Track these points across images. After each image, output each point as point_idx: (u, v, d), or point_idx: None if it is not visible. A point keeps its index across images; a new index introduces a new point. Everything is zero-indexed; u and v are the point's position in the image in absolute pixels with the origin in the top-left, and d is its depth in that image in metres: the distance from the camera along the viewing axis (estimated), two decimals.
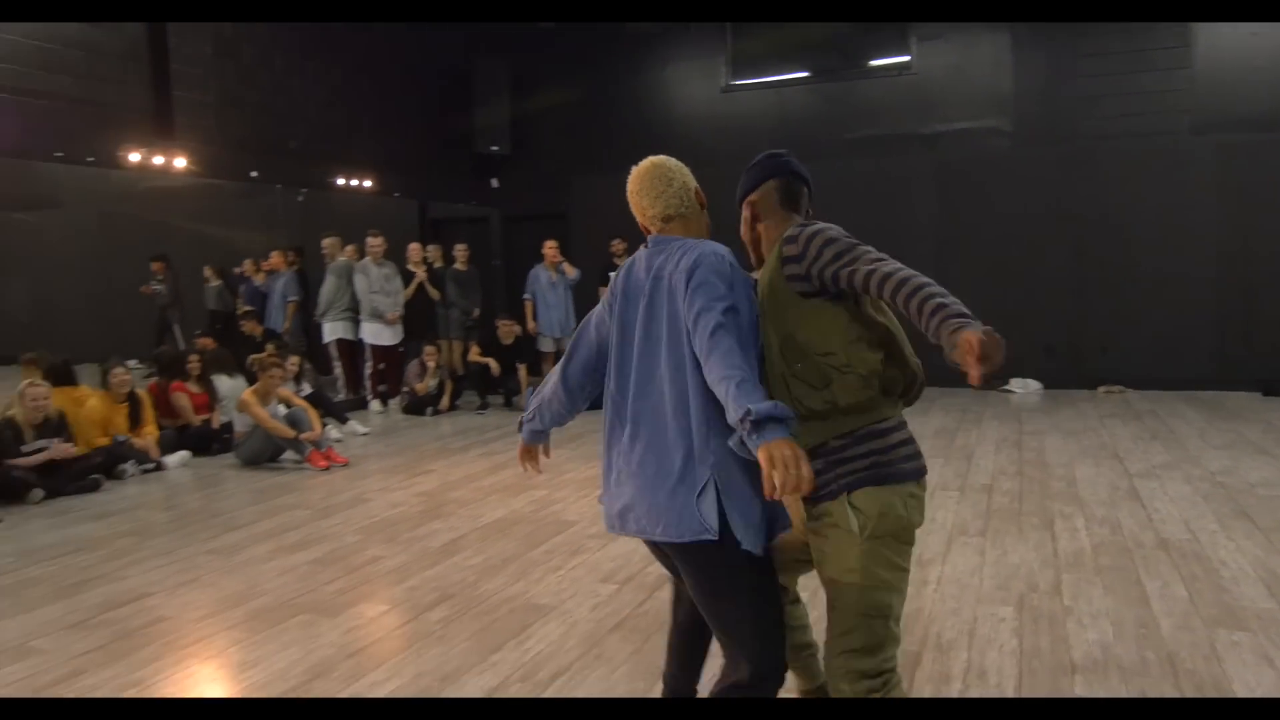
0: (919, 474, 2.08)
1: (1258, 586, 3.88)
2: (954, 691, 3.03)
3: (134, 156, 7.13)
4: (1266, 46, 8.60)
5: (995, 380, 9.70)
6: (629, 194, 2.32)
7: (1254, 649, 3.27)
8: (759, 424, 1.78)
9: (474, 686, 3.10)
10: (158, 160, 7.29)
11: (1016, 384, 9.60)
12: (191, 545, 4.83)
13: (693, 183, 2.34)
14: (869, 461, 2.03)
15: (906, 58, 9.83)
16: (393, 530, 5.03)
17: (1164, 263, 9.06)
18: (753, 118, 10.41)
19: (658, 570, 4.24)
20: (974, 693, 3.02)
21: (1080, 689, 3.03)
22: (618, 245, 9.94)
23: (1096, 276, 9.33)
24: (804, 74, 10.31)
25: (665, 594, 3.94)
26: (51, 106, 6.63)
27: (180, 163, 7.44)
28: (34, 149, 6.89)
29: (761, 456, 1.77)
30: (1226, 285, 8.94)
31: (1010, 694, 3.01)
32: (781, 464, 1.74)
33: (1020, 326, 9.47)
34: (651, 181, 2.29)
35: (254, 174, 8.56)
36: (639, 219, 2.35)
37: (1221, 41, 8.74)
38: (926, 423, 7.98)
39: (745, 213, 2.33)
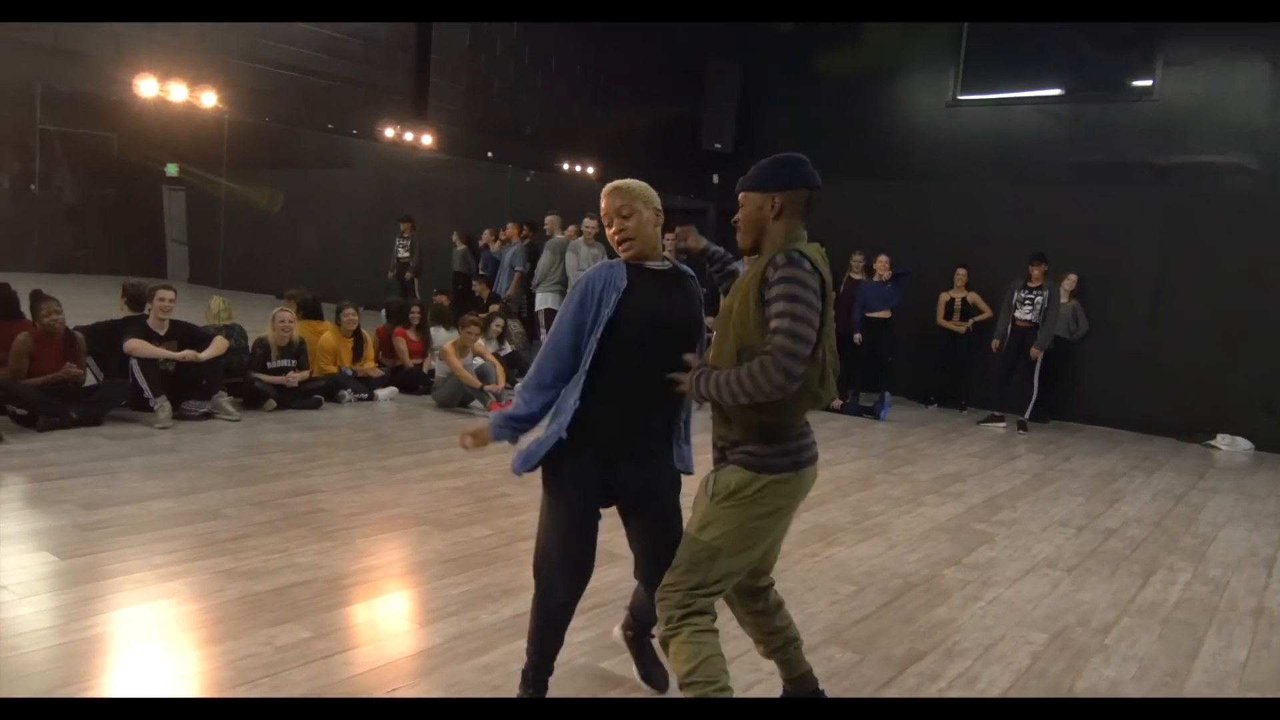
0: (795, 466, 2.43)
1: None
2: (933, 691, 3.27)
3: (389, 132, 8.35)
4: None
5: (1200, 434, 9.08)
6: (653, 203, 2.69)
7: None
8: None
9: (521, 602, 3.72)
10: (408, 137, 8.49)
11: (1223, 440, 8.93)
12: (369, 461, 5.83)
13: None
14: (747, 451, 2.41)
15: (1149, 82, 9.31)
16: (482, 499, 5.75)
17: None
18: (976, 134, 10.27)
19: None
20: (952, 695, 3.24)
21: None
22: (857, 260, 10.06)
23: None
24: (1035, 92, 10.03)
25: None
26: (330, 86, 7.95)
27: (427, 140, 8.61)
28: (312, 121, 8.25)
29: None
30: None
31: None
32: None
33: (1238, 379, 8.82)
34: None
35: (490, 154, 9.65)
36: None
37: None
38: (1096, 463, 7.71)
39: (766, 204, 2.49)
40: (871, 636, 3.67)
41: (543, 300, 10.55)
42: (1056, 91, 9.92)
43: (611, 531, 2.83)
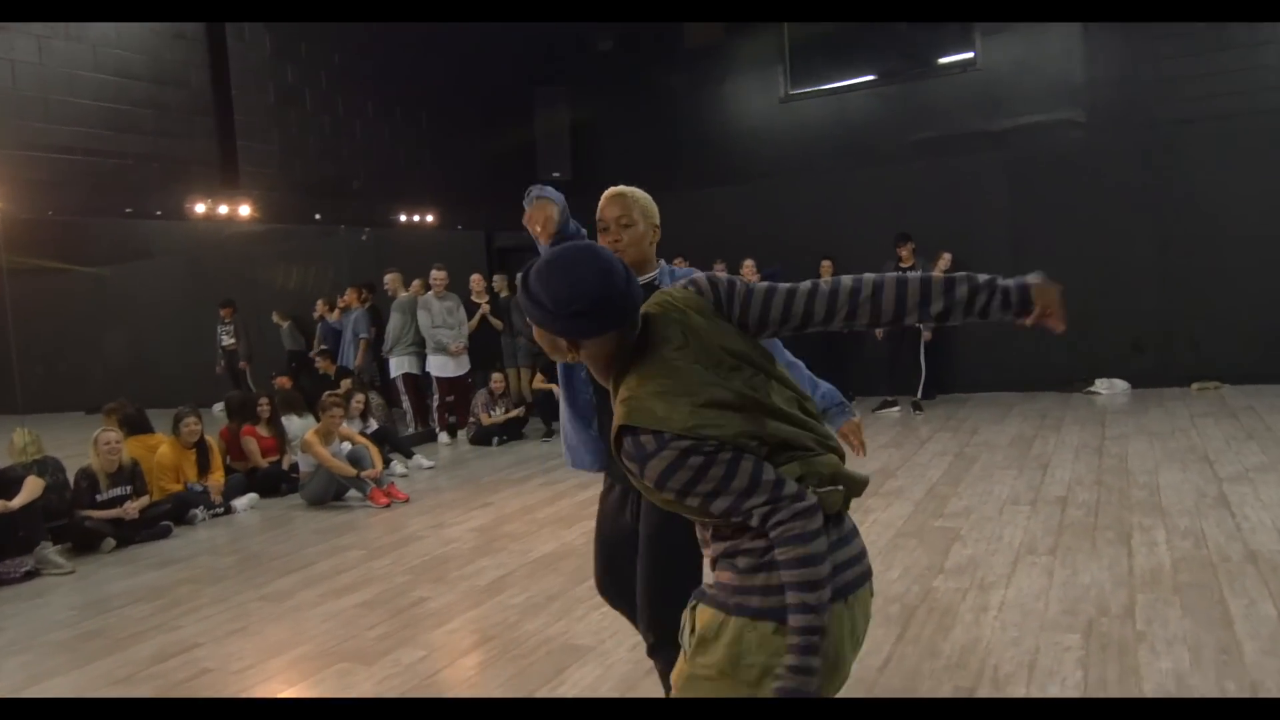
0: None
1: None
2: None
3: (199, 208, 7.36)
4: None
5: (1079, 382, 9.24)
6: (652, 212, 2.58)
7: None
8: None
9: None
10: (222, 210, 7.52)
11: (1102, 384, 9.12)
12: (246, 591, 4.90)
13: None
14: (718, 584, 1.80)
15: (970, 54, 9.49)
16: (442, 569, 5.01)
17: (1259, 248, 8.48)
18: (814, 126, 10.21)
19: None
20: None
21: None
22: (679, 263, 9.80)
23: (1185, 266, 8.80)
24: (864, 78, 10.06)
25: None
26: (121, 165, 6.91)
27: (245, 210, 7.66)
28: (105, 207, 7.16)
29: None
30: None
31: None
32: None
33: (1105, 324, 9.01)
34: None
35: (318, 216, 8.76)
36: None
37: None
38: (1002, 430, 7.63)
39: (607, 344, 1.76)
40: (908, 682, 3.18)
41: (399, 365, 9.70)
42: (884, 75, 9.97)
43: None
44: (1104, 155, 8.99)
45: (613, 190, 2.56)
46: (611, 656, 3.61)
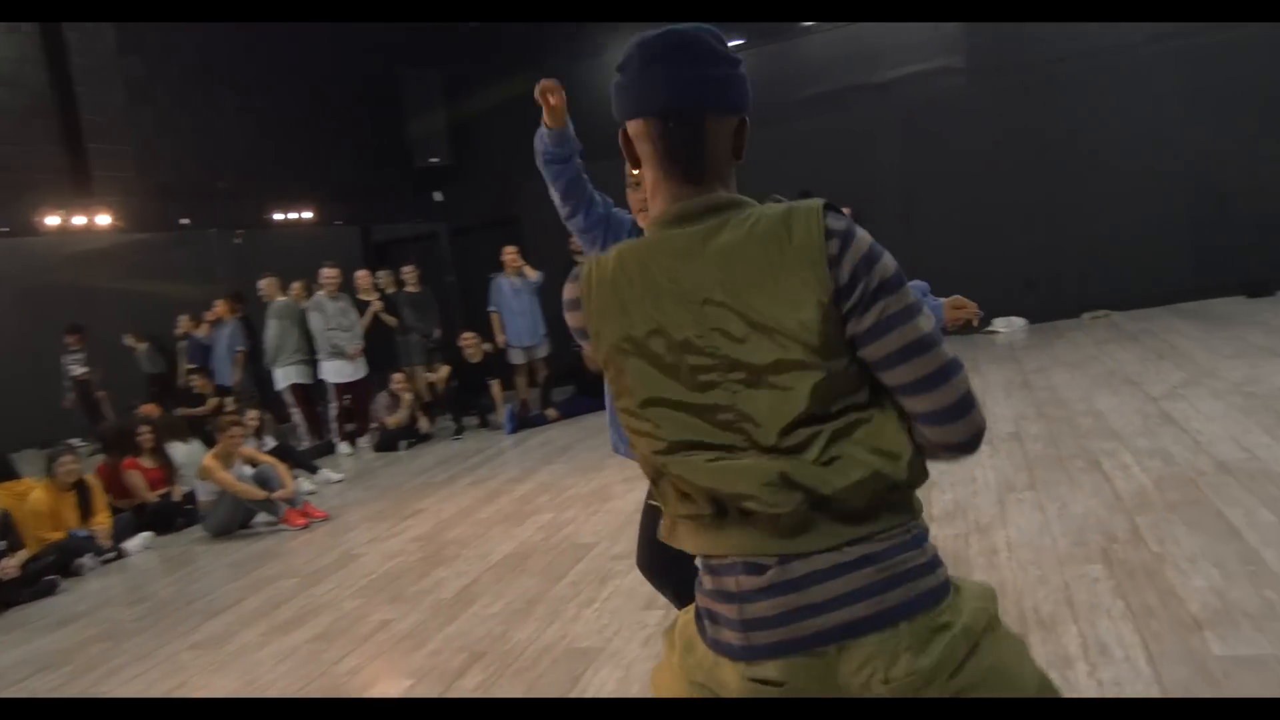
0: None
1: None
2: (1081, 673, 2.66)
3: (52, 220, 6.52)
4: None
5: (979, 323, 9.43)
6: None
7: None
8: None
9: None
10: (78, 220, 6.69)
11: (1000, 323, 9.34)
12: (172, 642, 4.31)
13: None
14: None
15: None
16: (395, 586, 4.56)
17: (1135, 178, 8.84)
18: None
19: None
20: (1104, 672, 2.65)
21: (1216, 646, 2.67)
22: (578, 243, 9.47)
23: (1068, 201, 9.09)
24: (742, 40, 9.91)
25: None
26: None
27: (104, 220, 6.85)
28: None
29: None
30: (1200, 192, 8.74)
31: (1142, 665, 2.65)
32: None
33: (998, 263, 9.22)
34: None
35: (184, 221, 7.96)
36: None
37: None
38: None
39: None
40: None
41: (286, 376, 8.97)
42: (763, 35, 9.87)
43: None
44: (985, 99, 9.18)
45: None
46: (625, 655, 3.30)
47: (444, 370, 8.92)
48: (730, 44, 1.36)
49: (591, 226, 2.46)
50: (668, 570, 2.51)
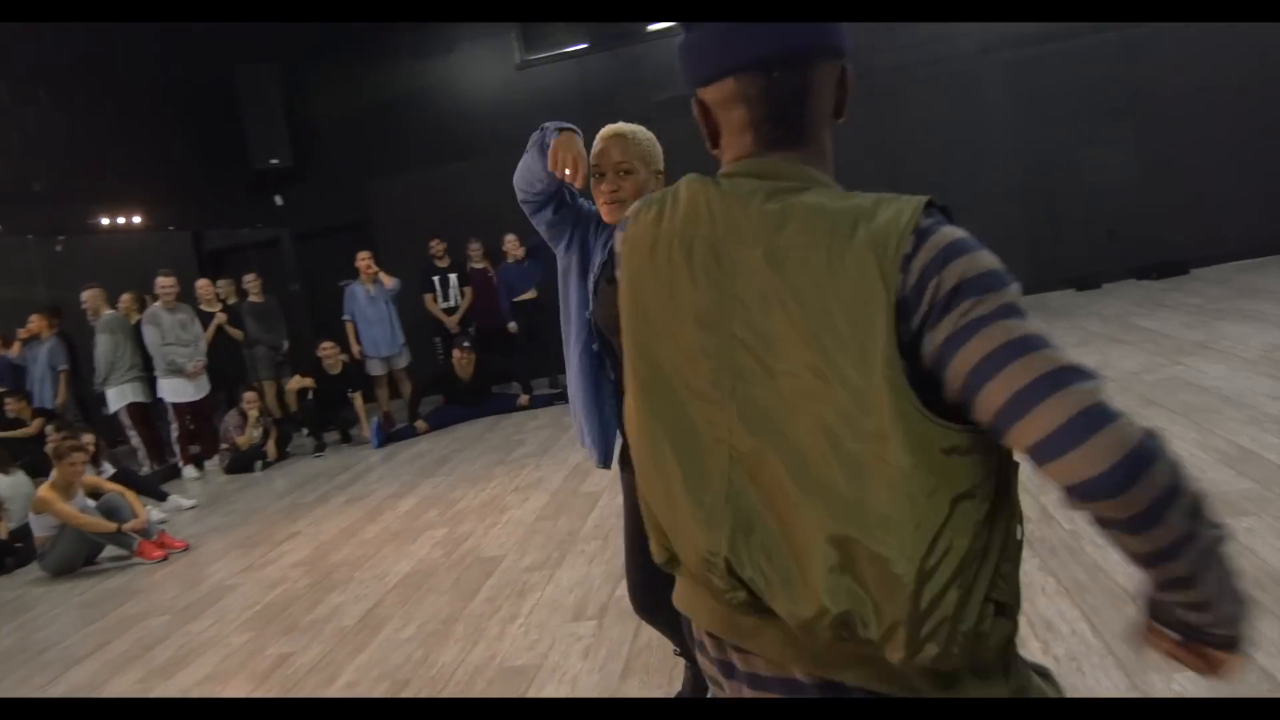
0: None
1: (1225, 470, 3.86)
2: (1036, 651, 2.72)
3: None
4: None
5: None
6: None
7: (1271, 530, 3.19)
8: None
9: None
10: None
11: None
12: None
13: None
14: None
15: None
16: (287, 617, 4.19)
17: (972, 181, 9.36)
18: (555, 92, 9.87)
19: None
20: (1057, 648, 2.72)
21: None
22: (438, 246, 9.17)
23: None
24: (601, 40, 9.87)
25: None
26: None
27: None
28: None
29: None
30: (1030, 194, 9.37)
31: (1090, 638, 2.74)
32: None
33: None
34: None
35: None
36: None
37: None
38: None
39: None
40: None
41: (119, 396, 8.19)
42: (621, 36, 9.85)
43: None
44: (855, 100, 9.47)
45: (611, 130, 2.23)
46: (567, 669, 3.14)
47: (303, 382, 8.37)
48: (573, 47, 1.23)
49: (561, 221, 2.31)
50: (665, 605, 2.34)
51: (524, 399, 8.49)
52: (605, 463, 2.34)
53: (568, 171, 2.08)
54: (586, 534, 4.57)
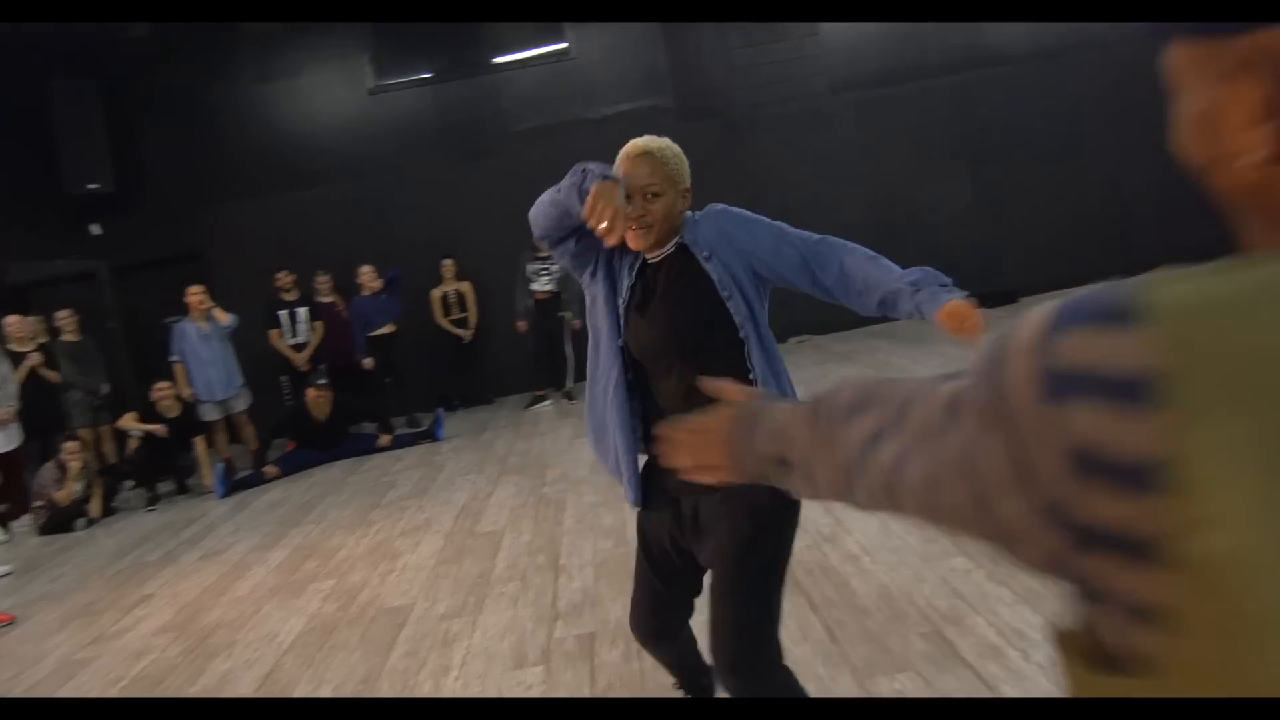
0: None
1: None
2: (1017, 659, 2.71)
3: None
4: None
5: None
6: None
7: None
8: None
9: None
10: None
11: None
12: None
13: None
14: None
15: (564, 44, 9.54)
16: (168, 689, 3.65)
17: (824, 214, 9.65)
18: (408, 119, 9.51)
19: (572, 624, 3.48)
20: (1036, 654, 2.72)
21: None
22: (285, 278, 8.55)
23: None
24: (457, 67, 9.60)
25: (607, 644, 3.24)
26: None
27: None
28: None
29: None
30: (877, 228, 9.77)
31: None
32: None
33: None
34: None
35: None
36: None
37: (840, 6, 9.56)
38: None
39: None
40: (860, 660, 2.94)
41: None
42: (477, 65, 9.63)
43: None
44: (693, 139, 9.55)
45: (638, 147, 2.03)
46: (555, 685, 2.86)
47: (141, 425, 7.54)
48: (418, 75, 1.07)
49: (585, 250, 2.11)
50: (667, 637, 2.31)
51: (385, 439, 8.00)
52: (641, 499, 2.16)
53: (603, 225, 1.88)
54: (500, 576, 4.28)
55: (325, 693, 3.34)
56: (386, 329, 8.65)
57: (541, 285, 8.66)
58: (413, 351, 9.03)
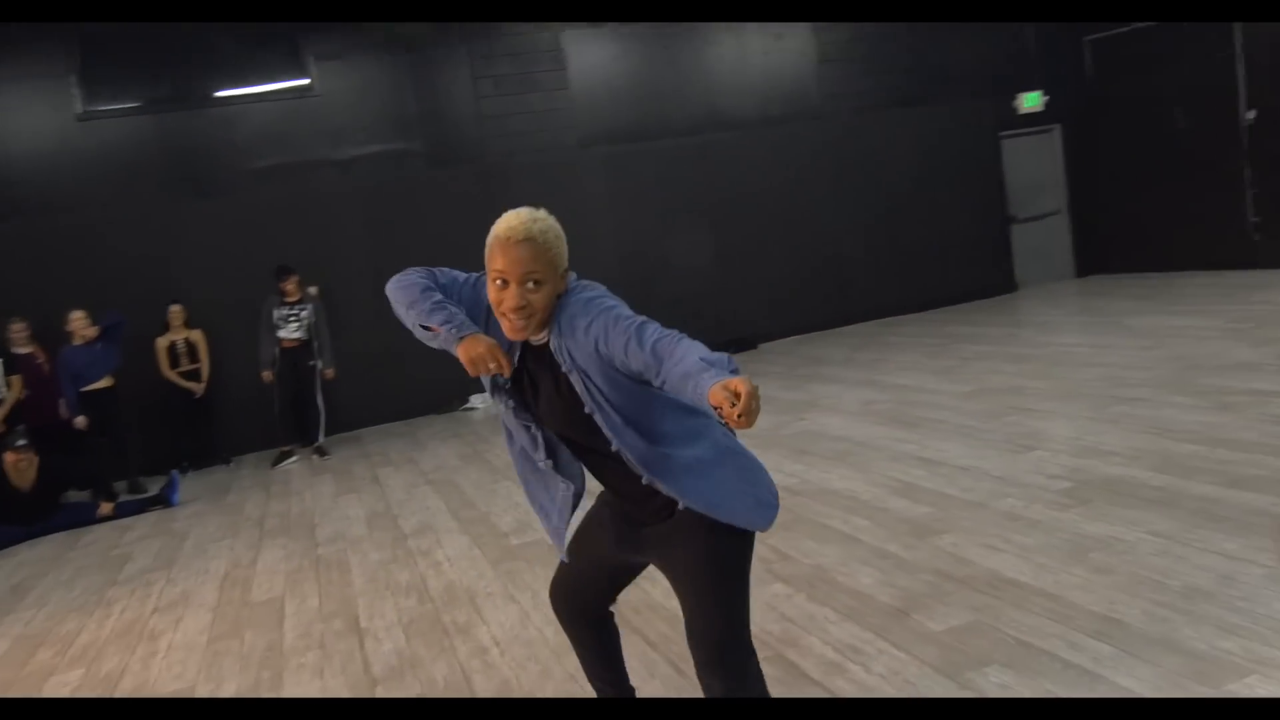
0: None
1: (901, 500, 4.48)
2: (859, 672, 2.87)
3: None
4: (625, 69, 10.02)
5: (455, 402, 9.62)
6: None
7: (970, 540, 3.76)
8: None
9: None
10: None
11: (477, 399, 9.64)
12: None
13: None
14: None
15: (306, 80, 9.06)
16: None
17: (573, 264, 9.85)
18: (124, 149, 8.55)
19: (394, 688, 3.24)
20: (876, 665, 2.90)
21: (931, 624, 3.13)
22: (18, 329, 7.41)
23: None
24: (181, 98, 8.80)
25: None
26: None
27: None
28: None
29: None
30: (629, 277, 10.11)
31: (895, 652, 2.96)
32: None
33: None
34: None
35: None
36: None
37: (589, 63, 9.91)
38: (441, 451, 7.54)
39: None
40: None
41: None
42: (205, 98, 8.88)
43: None
44: (442, 186, 9.49)
45: (518, 231, 1.91)
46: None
47: None
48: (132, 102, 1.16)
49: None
50: (584, 612, 2.42)
51: (106, 508, 7.01)
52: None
53: (491, 366, 1.96)
54: (294, 646, 3.90)
55: None
56: (102, 383, 7.68)
57: (289, 333, 8.09)
58: (134, 408, 8.07)
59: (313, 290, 8.48)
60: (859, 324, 10.82)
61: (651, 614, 3.63)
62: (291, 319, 8.05)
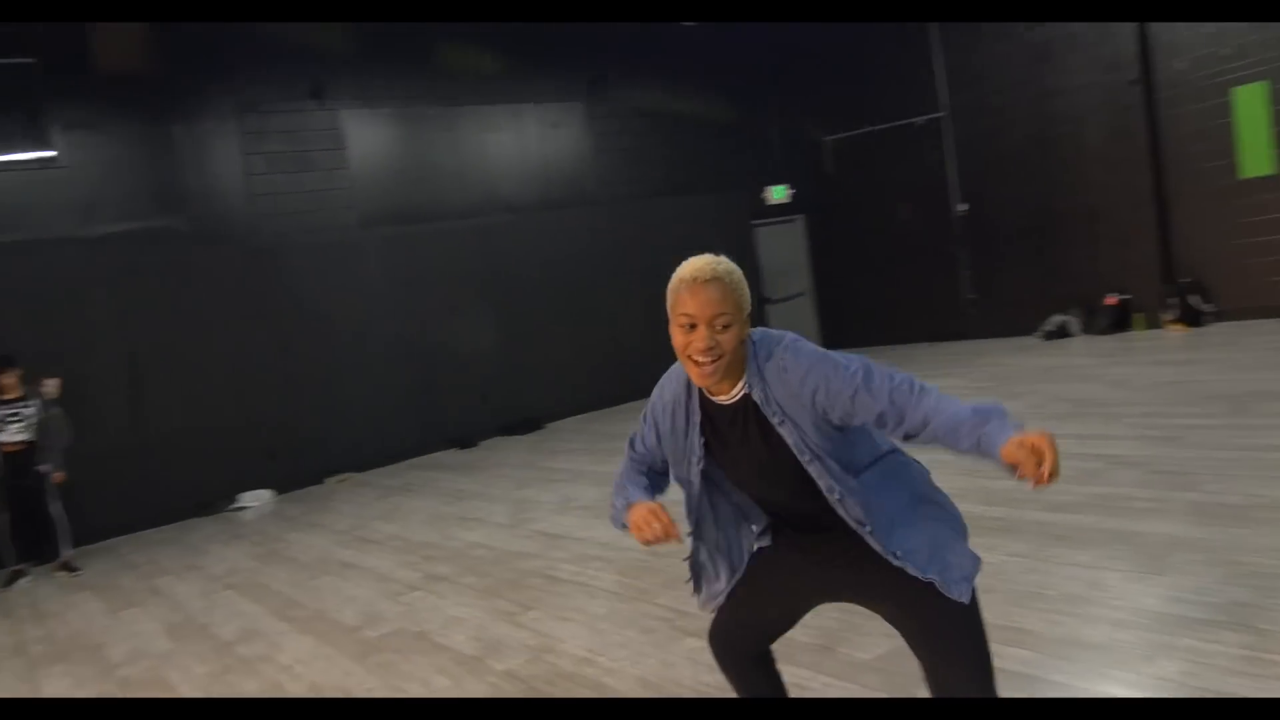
0: None
1: None
2: (819, 689, 2.93)
3: None
4: (406, 150, 9.89)
5: (221, 502, 8.74)
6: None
7: None
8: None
9: None
10: None
11: (248, 497, 8.81)
12: None
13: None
14: None
15: (53, 153, 8.06)
16: None
17: (358, 347, 9.48)
18: None
19: None
20: (817, 682, 2.97)
21: (860, 654, 3.26)
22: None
23: (301, 371, 9.18)
24: None
25: None
26: None
27: None
28: None
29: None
30: (412, 361, 9.84)
31: (843, 666, 3.06)
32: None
33: (239, 435, 8.78)
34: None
35: None
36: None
37: (369, 143, 9.68)
38: (228, 554, 6.78)
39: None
40: None
41: None
42: None
43: None
44: (208, 265, 8.77)
45: (704, 271, 1.88)
46: None
47: None
48: None
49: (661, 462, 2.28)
50: (749, 652, 2.33)
51: None
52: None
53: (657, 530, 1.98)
54: None
55: None
56: None
57: (11, 435, 6.95)
58: None
59: (50, 384, 7.35)
60: (641, 400, 11.11)
61: (568, 682, 3.48)
62: (12, 419, 6.95)
